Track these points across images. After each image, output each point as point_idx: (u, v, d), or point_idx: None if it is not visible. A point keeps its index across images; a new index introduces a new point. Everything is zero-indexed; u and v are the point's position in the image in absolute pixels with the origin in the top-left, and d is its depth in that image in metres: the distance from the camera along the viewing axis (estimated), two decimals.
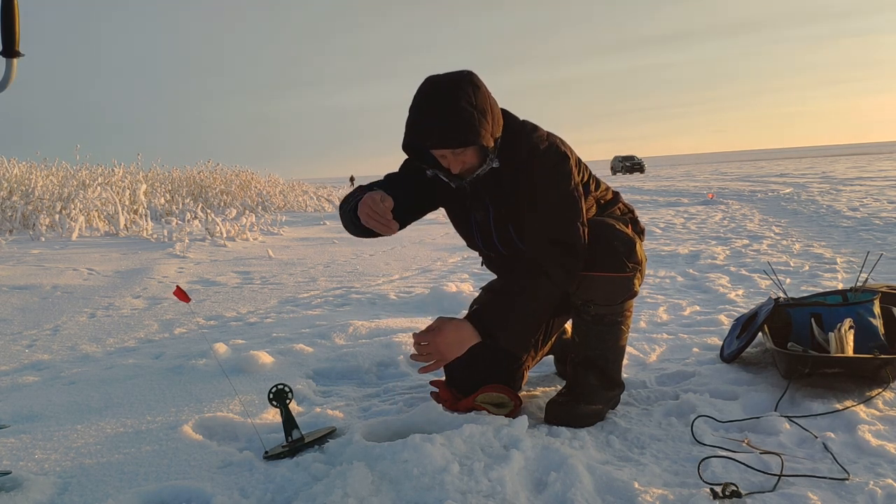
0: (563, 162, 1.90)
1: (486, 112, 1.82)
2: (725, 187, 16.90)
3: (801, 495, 1.44)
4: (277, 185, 17.74)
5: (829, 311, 2.34)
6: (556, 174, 1.88)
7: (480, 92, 1.82)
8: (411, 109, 1.83)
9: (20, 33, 1.46)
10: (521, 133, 1.93)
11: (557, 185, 1.87)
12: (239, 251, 7.24)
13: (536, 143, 1.91)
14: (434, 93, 1.80)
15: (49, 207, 9.86)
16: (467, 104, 1.77)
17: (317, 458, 1.70)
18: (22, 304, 4.32)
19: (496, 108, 1.89)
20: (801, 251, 5.48)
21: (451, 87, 1.80)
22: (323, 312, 3.88)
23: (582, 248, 1.86)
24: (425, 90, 1.82)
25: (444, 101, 1.77)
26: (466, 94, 1.79)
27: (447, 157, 1.86)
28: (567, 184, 1.88)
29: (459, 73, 1.84)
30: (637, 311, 3.35)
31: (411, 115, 1.83)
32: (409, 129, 1.84)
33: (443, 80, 1.82)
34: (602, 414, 1.98)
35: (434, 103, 1.79)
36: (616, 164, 45.22)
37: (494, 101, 1.88)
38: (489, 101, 1.85)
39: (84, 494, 1.58)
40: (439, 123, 1.77)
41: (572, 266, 1.86)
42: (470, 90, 1.80)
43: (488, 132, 1.81)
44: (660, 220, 9.02)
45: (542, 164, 1.89)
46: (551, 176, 1.88)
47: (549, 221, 1.87)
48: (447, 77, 1.83)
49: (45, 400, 2.35)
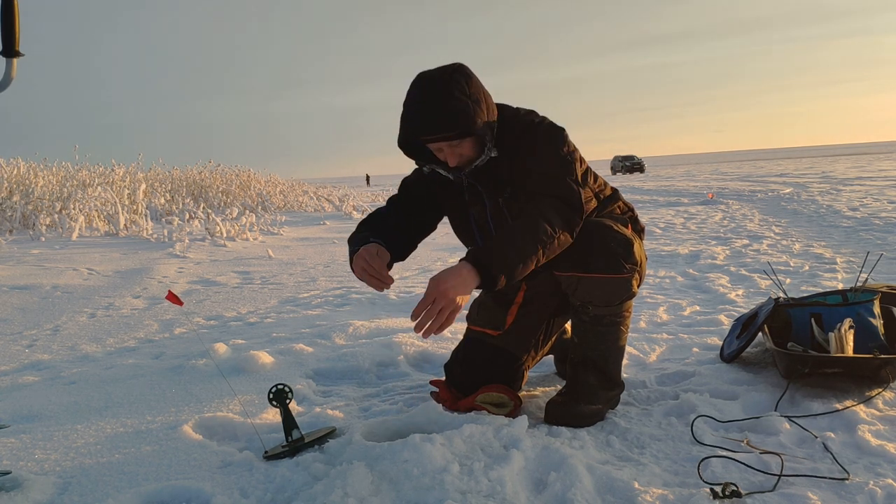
0: (557, 130, 1.93)
1: (480, 101, 1.83)
2: (725, 187, 16.90)
3: (801, 495, 1.44)
4: (277, 185, 17.73)
5: (829, 311, 2.34)
6: (549, 138, 1.90)
7: (472, 82, 1.84)
8: (405, 104, 1.84)
9: (20, 33, 1.46)
10: (516, 118, 1.95)
11: (551, 147, 1.89)
12: (239, 251, 7.24)
13: (531, 120, 1.94)
14: (427, 86, 1.81)
15: (49, 207, 9.86)
16: (460, 94, 1.79)
17: (317, 458, 1.70)
18: (22, 304, 4.32)
19: (489, 98, 1.90)
20: (801, 251, 5.48)
21: (444, 78, 1.81)
22: (323, 312, 3.88)
23: (579, 201, 1.83)
24: (418, 84, 1.83)
25: (437, 92, 1.79)
26: (459, 84, 1.80)
27: (444, 150, 1.86)
28: (560, 146, 1.89)
29: (450, 65, 1.86)
30: (637, 311, 3.35)
31: (405, 110, 1.84)
32: (404, 124, 1.85)
33: (434, 74, 1.83)
34: (602, 414, 1.98)
35: (427, 96, 1.80)
36: (616, 164, 45.22)
37: (487, 92, 1.90)
38: (482, 90, 1.86)
39: (84, 494, 1.58)
40: (434, 115, 1.78)
41: (571, 217, 1.81)
42: (462, 80, 1.81)
43: (483, 120, 1.82)
44: (660, 220, 9.02)
45: (536, 133, 1.91)
46: (545, 141, 1.90)
47: (545, 180, 1.85)
48: (439, 70, 1.84)
49: (45, 400, 2.35)
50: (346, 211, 13.63)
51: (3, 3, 1.44)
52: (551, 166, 1.87)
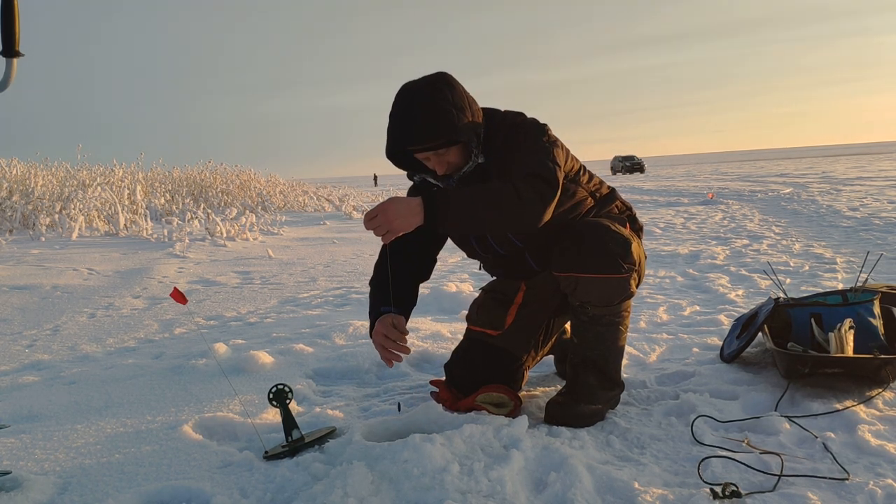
0: (539, 125, 1.95)
1: (465, 109, 1.83)
2: (725, 187, 16.90)
3: (801, 495, 1.44)
4: (277, 185, 17.74)
5: (829, 311, 2.34)
6: (529, 133, 1.91)
7: (456, 91, 1.85)
8: (391, 116, 1.85)
9: (20, 33, 1.46)
10: (503, 121, 1.96)
11: (531, 138, 1.90)
12: (239, 251, 7.24)
13: (514, 121, 1.96)
14: (410, 97, 1.83)
15: (49, 207, 9.86)
16: (444, 102, 1.80)
17: (317, 458, 1.70)
18: (22, 304, 4.32)
19: (475, 105, 1.91)
20: (801, 251, 5.48)
21: (427, 88, 1.82)
22: (323, 312, 3.88)
23: (554, 177, 1.81)
24: (402, 96, 1.84)
25: (420, 103, 1.80)
26: (442, 93, 1.81)
27: (431, 159, 1.87)
28: (540, 137, 1.90)
29: (434, 75, 1.88)
30: (637, 311, 3.35)
31: (391, 122, 1.85)
32: (390, 135, 1.86)
33: (418, 84, 1.85)
34: (602, 414, 1.98)
35: (412, 106, 1.81)
36: (616, 164, 45.21)
37: (472, 99, 1.91)
38: (466, 98, 1.87)
39: (84, 494, 1.58)
40: (418, 125, 1.79)
41: (546, 192, 1.79)
42: (446, 90, 1.82)
43: (469, 128, 1.83)
44: (660, 220, 9.02)
45: (518, 131, 1.92)
46: (526, 135, 1.91)
47: (524, 161, 1.85)
48: (422, 80, 1.86)
49: (45, 400, 2.35)
50: (346, 211, 13.64)
51: (3, 3, 1.44)
52: (533, 150, 1.87)
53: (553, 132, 1.96)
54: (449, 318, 3.46)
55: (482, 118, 1.92)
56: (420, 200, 1.70)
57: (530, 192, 1.75)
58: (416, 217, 1.69)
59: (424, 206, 1.69)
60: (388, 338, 1.91)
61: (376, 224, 1.68)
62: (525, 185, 1.75)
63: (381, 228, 1.68)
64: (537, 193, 1.77)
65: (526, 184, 1.76)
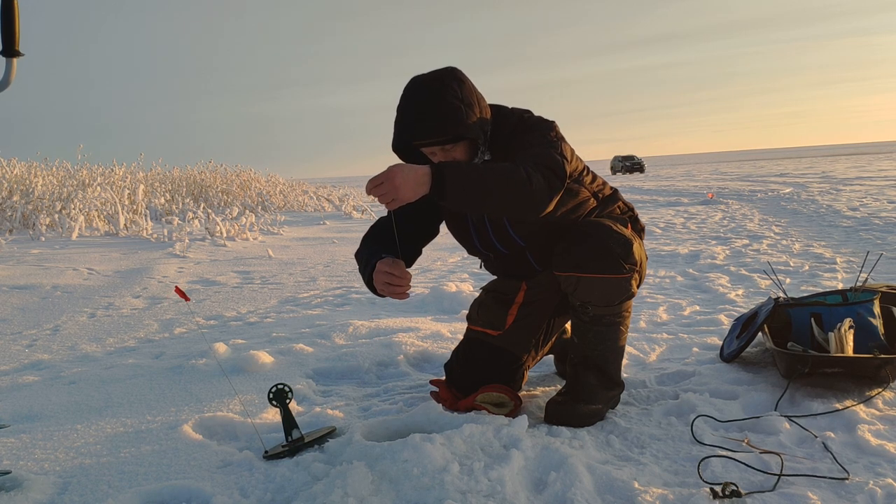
0: (546, 122, 1.94)
1: (473, 105, 1.83)
2: (725, 187, 16.90)
3: (801, 495, 1.44)
4: (277, 185, 17.73)
5: (829, 310, 2.34)
6: (536, 129, 1.90)
7: (465, 86, 1.84)
8: (398, 109, 1.85)
9: (20, 33, 1.46)
10: (510, 119, 1.95)
11: (538, 134, 1.88)
12: (239, 251, 7.24)
13: (522, 118, 1.95)
14: (419, 90, 1.82)
15: (49, 207, 9.86)
16: (453, 98, 1.79)
17: (317, 457, 1.70)
18: (22, 304, 4.32)
19: (483, 102, 1.90)
20: (801, 251, 5.48)
21: (436, 83, 1.81)
22: (323, 312, 3.88)
23: (562, 169, 1.80)
24: (411, 89, 1.83)
25: (429, 97, 1.79)
26: (451, 88, 1.81)
27: (437, 154, 1.87)
28: (547, 132, 1.89)
29: (443, 69, 1.87)
30: (637, 311, 3.35)
31: (399, 115, 1.85)
32: (397, 129, 1.85)
33: (427, 78, 1.84)
34: (602, 414, 1.98)
35: (420, 100, 1.80)
36: (616, 164, 45.20)
37: (481, 95, 1.90)
38: (475, 94, 1.87)
39: (84, 494, 1.58)
40: (426, 119, 1.79)
41: (554, 182, 1.77)
42: (455, 85, 1.82)
43: (476, 125, 1.83)
44: (660, 220, 9.02)
45: (525, 128, 1.91)
46: (534, 129, 1.90)
47: (534, 152, 1.83)
48: (431, 74, 1.85)
49: (45, 400, 2.35)
50: (346, 211, 13.63)
51: (3, 3, 1.44)
52: (539, 145, 1.86)
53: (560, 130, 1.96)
54: (449, 318, 3.46)
55: (490, 115, 1.92)
56: (428, 170, 1.64)
57: (540, 179, 1.74)
58: (422, 187, 1.63)
59: (432, 175, 1.63)
60: (391, 274, 1.84)
61: (382, 191, 1.61)
62: (535, 172, 1.74)
63: (387, 196, 1.61)
64: (546, 181, 1.75)
65: (536, 171, 1.74)
